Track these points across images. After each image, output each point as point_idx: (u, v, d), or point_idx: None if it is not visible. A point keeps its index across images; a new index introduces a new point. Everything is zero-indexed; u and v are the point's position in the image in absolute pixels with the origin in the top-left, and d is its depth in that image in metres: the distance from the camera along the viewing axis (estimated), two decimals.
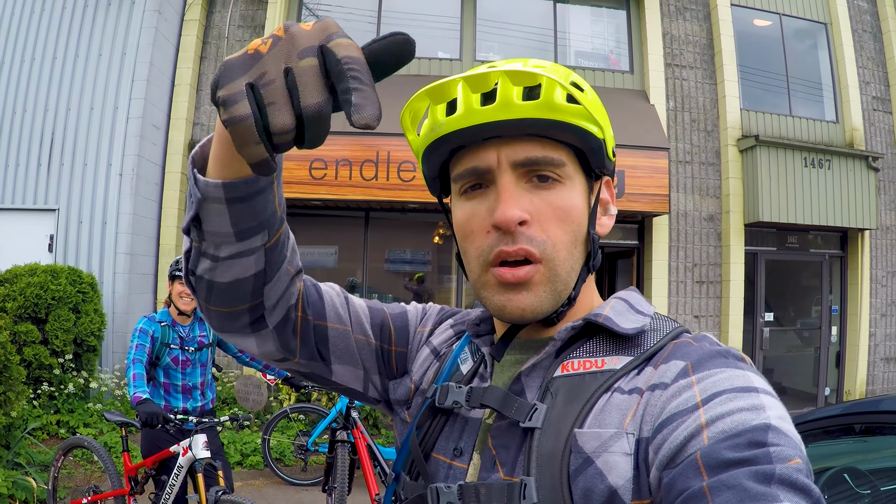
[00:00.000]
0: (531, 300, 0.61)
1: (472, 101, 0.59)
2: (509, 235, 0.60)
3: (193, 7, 6.68)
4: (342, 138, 6.04)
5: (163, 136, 6.63)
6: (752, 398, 0.50)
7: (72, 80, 6.50)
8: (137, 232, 6.26)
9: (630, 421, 0.55)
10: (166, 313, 3.03)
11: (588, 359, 0.61)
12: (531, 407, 0.59)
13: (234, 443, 5.28)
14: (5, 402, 4.09)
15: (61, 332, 5.53)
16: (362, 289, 6.68)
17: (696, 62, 7.29)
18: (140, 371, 2.79)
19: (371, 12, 6.82)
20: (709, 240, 7.06)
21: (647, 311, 0.66)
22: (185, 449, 2.76)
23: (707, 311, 7.00)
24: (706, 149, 7.15)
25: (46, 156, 6.44)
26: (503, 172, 0.61)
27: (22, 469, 4.12)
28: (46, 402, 5.45)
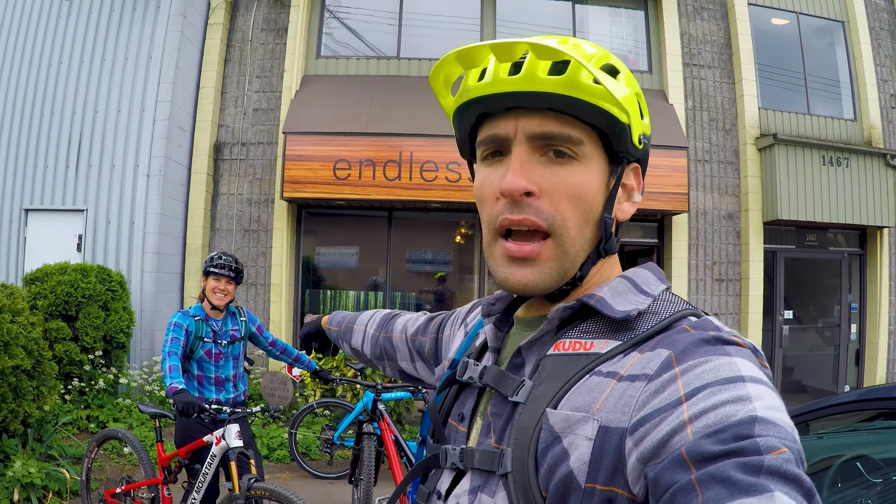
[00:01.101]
0: (534, 275, 0.62)
1: (499, 70, 0.61)
2: (517, 205, 0.61)
3: (217, 11, 6.78)
4: (366, 139, 6.12)
5: (188, 138, 6.74)
6: (737, 389, 0.48)
7: (99, 83, 6.62)
8: (164, 232, 6.37)
9: (600, 406, 0.55)
10: (200, 308, 3.11)
11: (579, 339, 0.62)
12: (519, 382, 0.61)
13: (260, 437, 5.36)
14: (38, 396, 4.20)
15: (91, 329, 5.64)
16: (385, 288, 6.75)
17: (714, 61, 7.31)
18: (175, 363, 2.85)
19: (392, 14, 6.89)
20: (728, 238, 7.08)
21: (651, 291, 0.64)
22: (218, 438, 2.82)
23: (726, 309, 7.02)
24: (725, 147, 7.17)
25: (75, 157, 6.57)
26: (518, 143, 0.62)
27: (54, 461, 4.22)
28: (77, 397, 5.56)
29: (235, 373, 3.20)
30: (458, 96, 0.66)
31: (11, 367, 3.86)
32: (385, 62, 6.82)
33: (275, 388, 5.91)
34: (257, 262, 6.58)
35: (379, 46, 6.94)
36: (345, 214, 6.79)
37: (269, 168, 6.62)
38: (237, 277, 3.11)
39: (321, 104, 6.37)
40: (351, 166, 6.09)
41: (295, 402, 6.05)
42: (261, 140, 6.68)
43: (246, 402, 3.33)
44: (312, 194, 6.14)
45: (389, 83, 6.58)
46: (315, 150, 6.13)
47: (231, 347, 3.15)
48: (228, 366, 3.15)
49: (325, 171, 6.09)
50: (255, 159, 6.68)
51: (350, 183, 6.07)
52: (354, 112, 6.23)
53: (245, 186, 6.64)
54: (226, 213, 6.69)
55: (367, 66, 6.81)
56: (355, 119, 6.16)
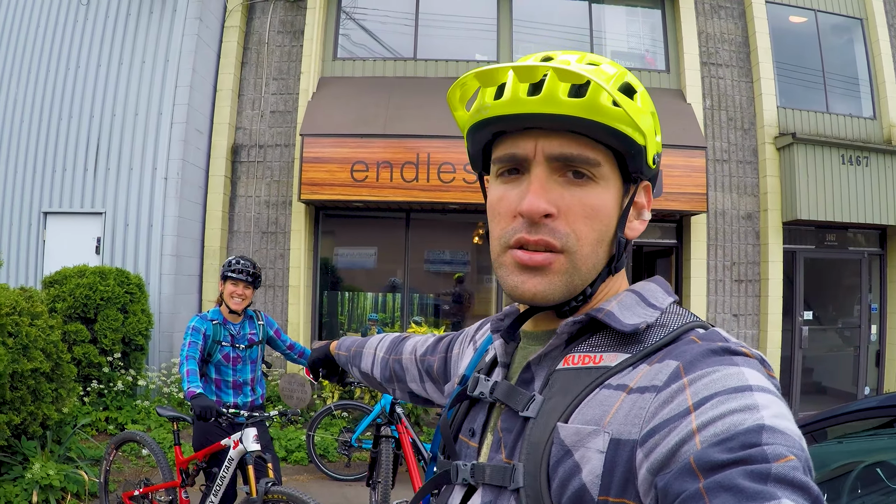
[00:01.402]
0: (543, 285, 0.62)
1: (518, 90, 0.61)
2: (533, 225, 0.61)
3: (234, 14, 6.79)
4: (383, 141, 6.11)
5: (206, 141, 6.76)
6: (745, 398, 0.49)
7: (116, 86, 6.65)
8: (182, 234, 6.39)
9: (611, 419, 0.55)
10: (218, 312, 3.12)
11: (589, 353, 0.62)
12: (530, 397, 0.62)
13: (278, 439, 5.36)
14: (57, 398, 4.22)
15: (110, 331, 5.67)
16: (403, 289, 6.74)
17: (732, 60, 7.24)
18: (193, 367, 2.86)
19: (408, 15, 6.88)
20: (747, 238, 7.02)
21: (659, 305, 0.64)
22: (235, 442, 2.83)
23: (746, 310, 6.95)
24: (743, 147, 7.11)
25: (93, 161, 6.60)
26: (538, 164, 0.62)
27: (73, 463, 4.24)
28: (96, 399, 5.59)
29: (253, 376, 3.20)
30: (474, 113, 0.66)
31: (30, 370, 3.88)
32: (402, 63, 6.80)
33: (293, 390, 5.91)
34: (275, 264, 6.59)
35: (395, 48, 6.93)
36: (363, 216, 6.79)
37: (286, 170, 6.62)
38: (255, 282, 3.11)
39: (338, 106, 6.37)
40: (368, 168, 6.08)
41: (313, 404, 6.04)
42: (278, 142, 6.68)
43: (264, 406, 3.34)
44: (330, 196, 6.14)
45: (406, 84, 6.57)
46: (332, 152, 6.13)
47: (249, 351, 3.15)
48: (246, 369, 3.15)
49: (343, 173, 6.08)
50: (272, 161, 6.69)
51: (368, 185, 6.07)
52: (371, 114, 6.22)
53: (263, 189, 6.65)
54: (244, 215, 6.70)
55: (383, 68, 6.80)
56: (372, 121, 6.16)
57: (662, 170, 6.31)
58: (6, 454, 3.87)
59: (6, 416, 3.67)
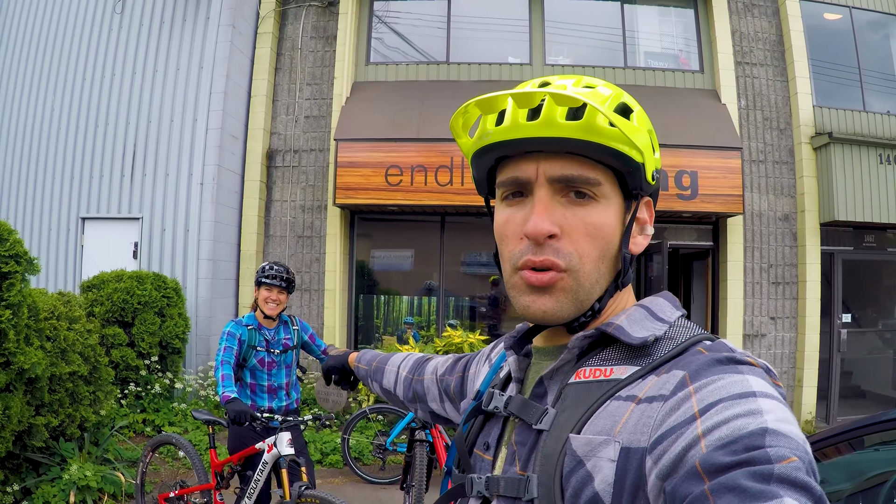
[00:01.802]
0: (551, 304, 0.64)
1: (518, 116, 0.63)
2: (538, 246, 0.63)
3: (266, 20, 6.85)
4: (417, 145, 6.12)
5: (241, 146, 6.82)
6: (749, 403, 0.50)
7: (151, 94, 6.73)
8: (219, 239, 6.45)
9: (621, 428, 0.57)
10: (252, 317, 3.14)
11: (599, 367, 0.64)
12: (543, 411, 0.64)
13: (314, 442, 5.38)
14: (95, 401, 4.29)
15: (147, 334, 5.73)
16: (439, 292, 6.74)
17: (767, 59, 7.14)
18: (228, 372, 2.89)
19: (440, 18, 6.88)
20: (784, 240, 6.90)
21: (667, 318, 0.66)
22: (270, 446, 2.84)
23: (783, 313, 6.84)
24: (779, 147, 7.00)
25: (130, 167, 6.69)
26: (540, 186, 0.64)
27: (110, 465, 4.30)
28: (133, 401, 5.66)
29: (288, 381, 3.22)
30: (477, 139, 0.69)
31: (68, 373, 3.95)
32: (435, 67, 6.80)
33: (328, 393, 5.93)
34: (311, 267, 6.62)
35: (428, 51, 6.94)
36: (397, 219, 6.80)
37: (321, 175, 6.65)
38: (289, 287, 3.12)
39: (372, 110, 6.39)
40: (403, 172, 6.09)
41: (349, 407, 6.06)
42: (313, 147, 6.72)
43: (298, 410, 3.35)
44: (365, 201, 6.16)
45: (439, 88, 6.57)
46: (367, 156, 6.15)
47: (284, 356, 3.17)
48: (281, 374, 3.17)
49: (377, 178, 6.10)
50: (307, 166, 6.73)
51: (402, 189, 6.07)
52: (405, 118, 6.23)
53: (298, 193, 6.69)
54: (279, 219, 6.75)
55: (416, 72, 6.81)
56: (406, 125, 6.17)
57: (698, 171, 6.25)
58: (44, 455, 3.93)
59: (44, 418, 3.74)
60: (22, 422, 3.50)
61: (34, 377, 3.56)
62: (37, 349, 3.57)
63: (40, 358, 3.51)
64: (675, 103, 6.70)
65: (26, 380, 3.55)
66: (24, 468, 3.85)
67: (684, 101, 6.75)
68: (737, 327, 6.66)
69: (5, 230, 3.52)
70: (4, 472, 3.61)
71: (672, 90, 6.86)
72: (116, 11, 6.99)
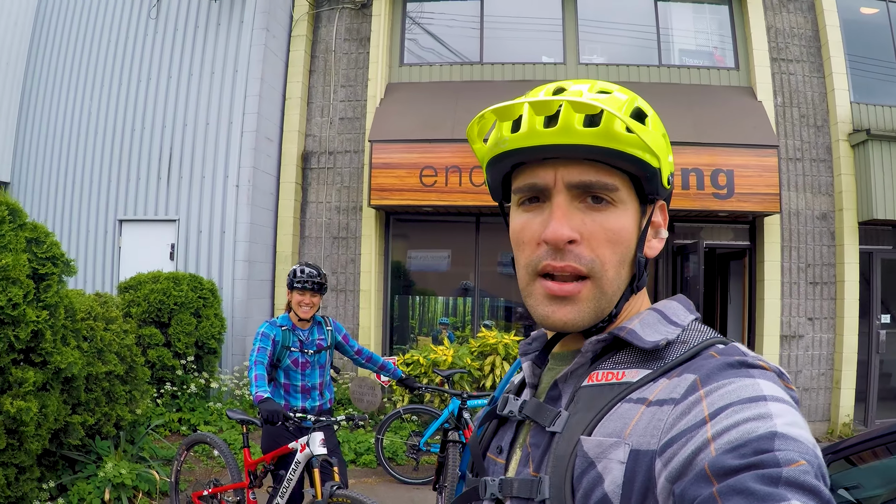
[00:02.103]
0: (573, 314, 0.64)
1: (535, 123, 0.63)
2: (558, 252, 0.63)
3: (300, 23, 6.90)
4: (451, 145, 6.12)
5: (276, 148, 6.88)
6: (759, 407, 0.50)
7: (187, 97, 6.82)
8: (254, 240, 6.52)
9: (631, 430, 0.57)
10: (287, 318, 3.16)
11: (612, 370, 0.64)
12: (556, 413, 0.64)
13: (348, 442, 5.40)
14: (131, 400, 4.35)
15: (183, 335, 5.78)
16: (474, 293, 6.74)
17: (803, 55, 7.02)
18: (261, 372, 2.90)
19: (473, 18, 6.88)
20: (822, 239, 6.79)
21: (680, 322, 0.66)
22: (302, 445, 2.86)
23: (821, 314, 6.73)
24: (817, 145, 6.88)
25: (166, 169, 6.79)
26: (559, 192, 0.64)
27: (145, 463, 4.34)
28: (169, 400, 5.73)
29: (322, 381, 3.23)
30: (493, 146, 0.68)
31: (105, 373, 4.01)
32: (468, 67, 6.80)
33: (363, 393, 5.98)
34: (346, 268, 6.66)
35: (461, 51, 6.94)
36: (433, 220, 6.81)
37: (356, 176, 6.69)
38: (321, 289, 3.12)
39: (406, 112, 6.41)
40: (437, 173, 6.10)
41: (383, 408, 6.09)
42: (347, 148, 6.76)
43: (332, 410, 3.36)
44: (399, 202, 6.18)
45: (473, 88, 6.57)
46: (401, 157, 6.17)
47: (317, 356, 3.18)
48: (315, 374, 3.18)
49: (412, 179, 6.12)
50: (342, 167, 6.77)
51: (437, 190, 6.09)
52: (439, 118, 6.24)
53: (333, 194, 6.73)
54: (315, 220, 6.80)
55: (450, 73, 6.82)
56: (440, 125, 6.17)
57: (734, 170, 6.17)
58: (80, 453, 3.99)
59: (81, 416, 3.80)
60: (58, 420, 3.56)
61: (71, 376, 3.61)
62: (73, 349, 3.62)
63: (76, 358, 3.56)
64: (711, 101, 6.63)
65: (63, 379, 3.60)
66: (61, 465, 3.91)
67: (720, 99, 6.68)
68: (774, 328, 6.57)
69: (42, 233, 3.59)
70: (41, 469, 3.66)
71: (707, 88, 6.78)
72: (151, 17, 7.09)
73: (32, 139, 7.50)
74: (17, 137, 7.60)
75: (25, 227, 3.50)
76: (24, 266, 3.32)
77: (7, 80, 7.47)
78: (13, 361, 3.30)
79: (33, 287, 3.37)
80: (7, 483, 3.28)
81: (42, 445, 3.43)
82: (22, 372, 3.26)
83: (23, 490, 3.38)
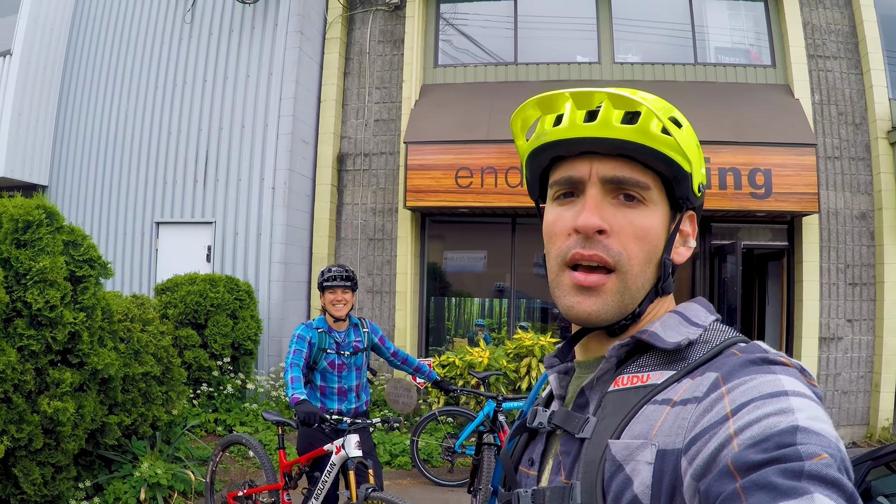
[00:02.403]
0: (598, 306, 0.66)
1: (576, 117, 0.66)
2: (588, 241, 0.65)
3: (334, 26, 6.94)
4: (487, 146, 6.12)
5: (312, 150, 6.93)
6: (780, 402, 0.51)
7: (222, 101, 6.89)
8: (290, 242, 6.57)
9: (657, 431, 0.58)
10: (322, 320, 3.15)
11: (637, 374, 0.65)
12: (585, 420, 0.65)
13: (383, 443, 5.42)
14: (167, 401, 4.39)
15: (219, 336, 5.82)
16: (510, 295, 6.74)
17: (840, 52, 6.91)
18: (297, 374, 2.90)
19: (507, 18, 6.87)
20: (861, 239, 6.68)
21: (702, 323, 0.67)
22: (338, 448, 2.85)
23: (860, 315, 6.63)
24: (855, 143, 6.77)
25: (202, 172, 6.86)
26: (592, 185, 0.66)
27: (181, 463, 4.38)
28: (205, 401, 5.77)
29: (358, 383, 3.22)
30: (534, 139, 0.71)
31: (141, 374, 4.04)
32: (503, 68, 6.80)
33: (399, 395, 6.00)
34: (382, 270, 6.69)
35: (496, 52, 6.94)
36: (468, 221, 6.81)
37: (391, 177, 6.72)
38: (352, 285, 3.11)
39: (441, 113, 6.42)
40: (473, 174, 6.10)
41: (418, 409, 6.11)
42: (383, 150, 6.79)
43: (368, 412, 3.35)
44: (435, 203, 6.19)
45: (508, 89, 6.56)
46: (437, 158, 6.18)
47: (354, 358, 3.17)
48: (351, 376, 3.17)
49: (448, 180, 6.13)
50: (377, 169, 6.80)
51: (472, 191, 6.09)
52: (474, 119, 6.24)
53: (369, 196, 6.77)
54: (350, 222, 6.84)
55: (484, 73, 6.82)
56: (476, 126, 6.18)
57: (772, 169, 6.10)
58: (117, 453, 4.04)
59: (117, 416, 3.83)
60: (95, 420, 3.60)
61: (107, 377, 3.65)
62: (110, 350, 3.66)
63: (113, 359, 3.60)
64: (748, 100, 6.55)
65: (100, 380, 3.64)
66: (97, 465, 3.96)
67: (756, 97, 6.60)
68: (812, 330, 6.48)
69: (79, 235, 3.63)
70: (77, 469, 3.70)
71: (744, 86, 6.71)
72: (186, 21, 7.17)
73: (70, 143, 7.63)
74: (54, 141, 7.73)
75: (63, 230, 3.54)
76: (62, 268, 3.36)
77: (44, 86, 7.60)
78: (50, 362, 3.35)
79: (70, 289, 3.41)
80: (44, 482, 3.32)
81: (79, 445, 3.47)
82: (59, 373, 3.30)
83: (59, 489, 3.42)
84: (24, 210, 3.38)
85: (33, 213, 3.38)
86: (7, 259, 3.29)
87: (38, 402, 3.21)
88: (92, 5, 7.79)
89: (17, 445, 3.13)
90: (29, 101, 7.37)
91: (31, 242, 3.35)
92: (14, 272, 3.28)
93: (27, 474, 3.21)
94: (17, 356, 3.12)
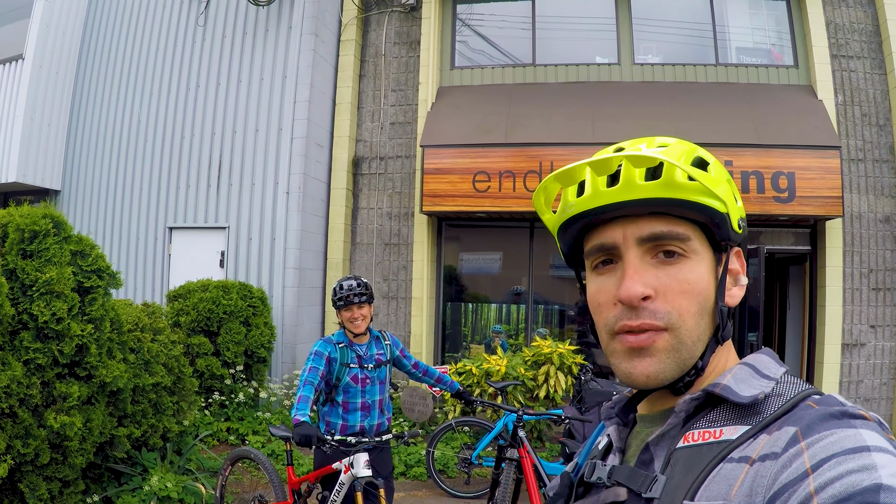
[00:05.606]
0: (654, 366, 0.63)
1: (598, 184, 0.64)
2: (633, 310, 0.63)
3: (349, 28, 6.85)
4: (504, 150, 6.03)
5: (327, 154, 6.85)
6: (862, 458, 0.49)
7: (236, 104, 6.82)
8: (305, 247, 6.50)
9: (737, 491, 0.55)
10: (342, 334, 3.06)
11: (708, 429, 0.62)
12: (652, 478, 0.62)
13: (398, 453, 5.34)
14: (178, 411, 4.32)
15: (232, 344, 5.74)
16: (527, 300, 6.65)
17: (864, 51, 6.77)
18: (307, 394, 2.81)
19: (525, 18, 6.77)
20: (885, 243, 6.55)
21: (773, 375, 0.65)
22: (346, 467, 2.77)
23: (884, 321, 6.50)
24: (879, 145, 6.64)
25: (216, 177, 6.80)
26: (629, 249, 0.64)
27: (192, 475, 4.30)
28: (217, 410, 5.69)
29: (381, 398, 3.12)
30: (560, 213, 0.70)
31: (152, 385, 3.97)
32: (521, 70, 6.70)
33: (415, 403, 5.93)
34: (398, 275, 6.61)
35: (513, 53, 6.84)
36: (485, 225, 6.73)
37: (407, 181, 6.63)
38: (368, 297, 3.00)
39: (457, 115, 6.33)
40: (490, 178, 6.01)
41: (434, 418, 6.03)
42: (399, 154, 6.71)
43: (390, 429, 3.24)
44: (452, 207, 6.10)
45: (526, 91, 6.47)
46: (453, 162, 6.09)
47: (377, 371, 3.08)
48: (375, 390, 3.08)
49: (465, 184, 6.04)
50: (393, 173, 6.72)
51: (490, 195, 6.00)
52: (492, 122, 6.15)
53: (384, 200, 6.69)
54: (366, 227, 6.76)
55: (502, 75, 6.72)
56: (493, 129, 6.08)
57: (795, 172, 5.99)
58: (126, 465, 3.97)
59: (127, 429, 3.76)
60: (104, 433, 3.53)
61: (116, 389, 3.58)
62: (119, 362, 3.59)
63: (122, 371, 3.53)
64: (770, 101, 6.43)
65: (109, 392, 3.57)
66: (106, 478, 3.88)
67: (779, 99, 6.48)
68: (835, 336, 6.36)
69: (87, 245, 3.54)
70: (86, 482, 3.64)
71: (766, 87, 6.59)
72: (199, 24, 7.11)
73: (82, 148, 7.59)
74: (67, 146, 7.70)
75: (70, 239, 3.46)
76: (69, 279, 3.28)
77: (57, 90, 7.56)
78: (57, 376, 3.28)
79: (78, 300, 3.33)
80: (51, 497, 3.26)
81: (87, 459, 3.41)
82: (66, 386, 3.23)
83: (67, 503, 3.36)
84: (30, 219, 3.30)
85: (40, 223, 3.30)
86: (13, 270, 3.21)
87: (45, 417, 3.15)
88: (104, 9, 7.75)
89: (23, 461, 3.07)
90: (41, 105, 7.33)
91: (37, 253, 3.27)
92: (20, 283, 3.20)
93: (34, 490, 3.14)
94: (22, 370, 3.05)
